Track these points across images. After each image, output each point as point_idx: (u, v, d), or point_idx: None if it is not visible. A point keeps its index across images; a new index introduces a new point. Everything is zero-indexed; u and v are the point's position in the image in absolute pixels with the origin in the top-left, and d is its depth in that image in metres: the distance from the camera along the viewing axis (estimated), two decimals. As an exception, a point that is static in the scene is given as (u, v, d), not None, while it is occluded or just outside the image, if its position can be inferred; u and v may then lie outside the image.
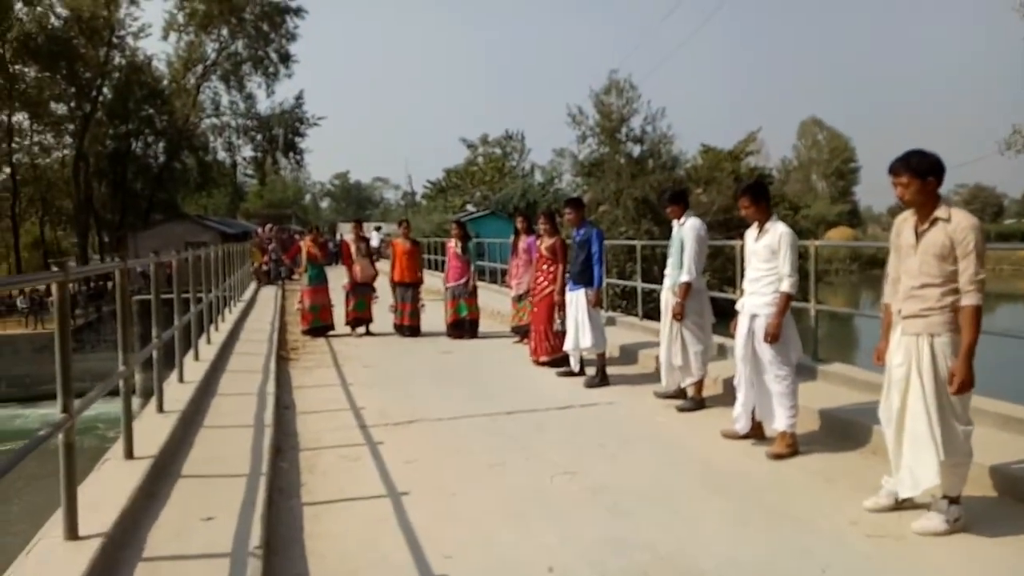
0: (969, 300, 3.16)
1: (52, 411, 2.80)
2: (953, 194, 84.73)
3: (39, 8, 36.56)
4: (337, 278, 10.71)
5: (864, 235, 65.94)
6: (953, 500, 3.25)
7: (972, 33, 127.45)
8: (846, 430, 4.61)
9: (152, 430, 4.18)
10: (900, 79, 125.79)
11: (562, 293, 7.00)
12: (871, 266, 49.97)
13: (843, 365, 5.89)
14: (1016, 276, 48.32)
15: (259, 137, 45.59)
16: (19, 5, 35.80)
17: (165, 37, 41.41)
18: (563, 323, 6.97)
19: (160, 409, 4.70)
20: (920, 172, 3.27)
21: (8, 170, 38.38)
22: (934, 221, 3.25)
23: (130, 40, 39.90)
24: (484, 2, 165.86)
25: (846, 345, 22.59)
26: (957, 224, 3.19)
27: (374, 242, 23.75)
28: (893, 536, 3.25)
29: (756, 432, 4.66)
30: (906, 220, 3.41)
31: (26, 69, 36.73)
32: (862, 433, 4.44)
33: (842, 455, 4.36)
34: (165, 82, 42.38)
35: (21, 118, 38.36)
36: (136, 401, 4.26)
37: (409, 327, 9.78)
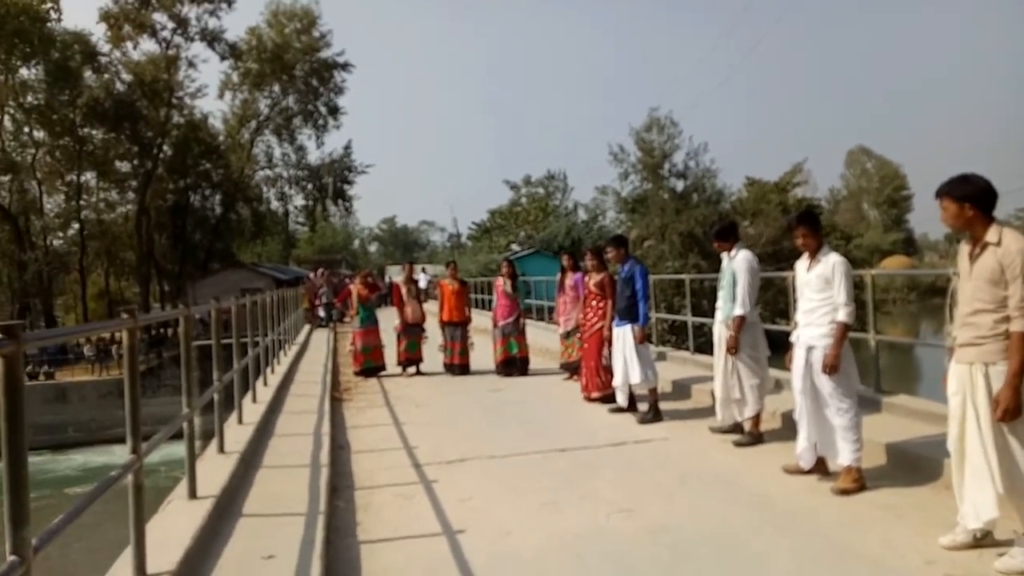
0: (1017, 326, 3.04)
1: (88, 457, 2.88)
2: (1014, 219, 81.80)
3: (106, 75, 38.88)
4: (387, 319, 10.87)
5: (921, 263, 63.83)
6: (1036, 536, 3.07)
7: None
8: (915, 464, 4.41)
9: (214, 470, 4.27)
10: (954, 102, 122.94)
11: (611, 328, 6.96)
12: (930, 295, 48.23)
13: (908, 397, 5.67)
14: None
15: (310, 186, 47.07)
16: (88, 73, 38.16)
17: (221, 96, 43.49)
18: (611, 358, 6.91)
19: (221, 450, 4.81)
20: (957, 197, 3.22)
21: (77, 226, 40.43)
22: (984, 246, 3.18)
23: (188, 100, 42.01)
24: (527, 44, 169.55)
25: (908, 376, 21.75)
26: (1006, 248, 3.10)
27: (422, 283, 24.12)
28: (974, 575, 3.08)
29: (819, 467, 4.50)
30: (964, 246, 3.34)
31: (93, 132, 38.91)
32: (933, 467, 4.24)
33: (912, 490, 4.17)
34: (221, 138, 44.31)
35: (89, 177, 40.53)
36: (197, 443, 4.38)
37: (459, 365, 9.82)
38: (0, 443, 1.87)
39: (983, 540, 3.27)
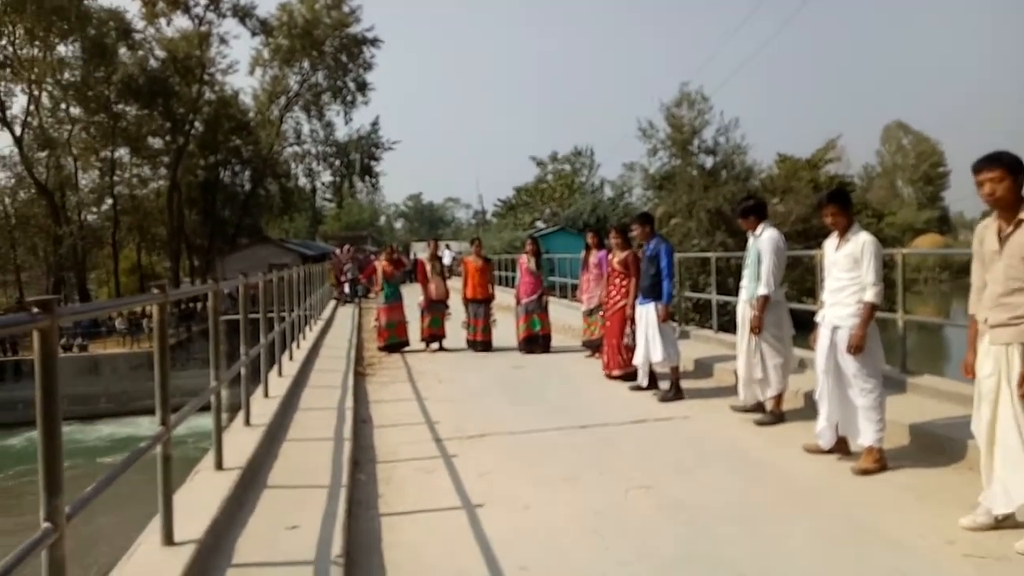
0: None
1: (117, 428, 2.96)
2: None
3: (140, 52, 39.30)
4: (412, 295, 10.95)
5: (955, 242, 62.33)
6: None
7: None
8: (939, 445, 4.37)
9: (240, 443, 4.38)
10: (992, 77, 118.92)
11: (634, 307, 6.94)
12: (963, 274, 47.11)
13: (933, 377, 5.59)
14: None
15: (337, 163, 47.31)
16: (123, 49, 38.60)
17: (251, 72, 43.74)
18: (634, 337, 6.91)
19: (247, 423, 4.92)
20: (1013, 168, 3.13)
21: (110, 201, 41.20)
22: (1019, 223, 3.10)
23: (219, 76, 42.34)
24: (552, 20, 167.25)
25: (937, 356, 21.39)
26: None
27: (446, 260, 24.20)
28: (994, 556, 3.05)
29: (841, 447, 4.48)
30: (988, 227, 3.27)
31: (127, 108, 39.46)
32: (956, 448, 4.19)
33: (935, 471, 4.13)
34: (251, 114, 44.65)
35: (122, 153, 41.20)
36: (224, 415, 4.48)
37: (482, 342, 9.89)
38: (37, 414, 1.94)
39: (1004, 522, 3.24)
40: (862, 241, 4.31)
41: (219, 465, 3.89)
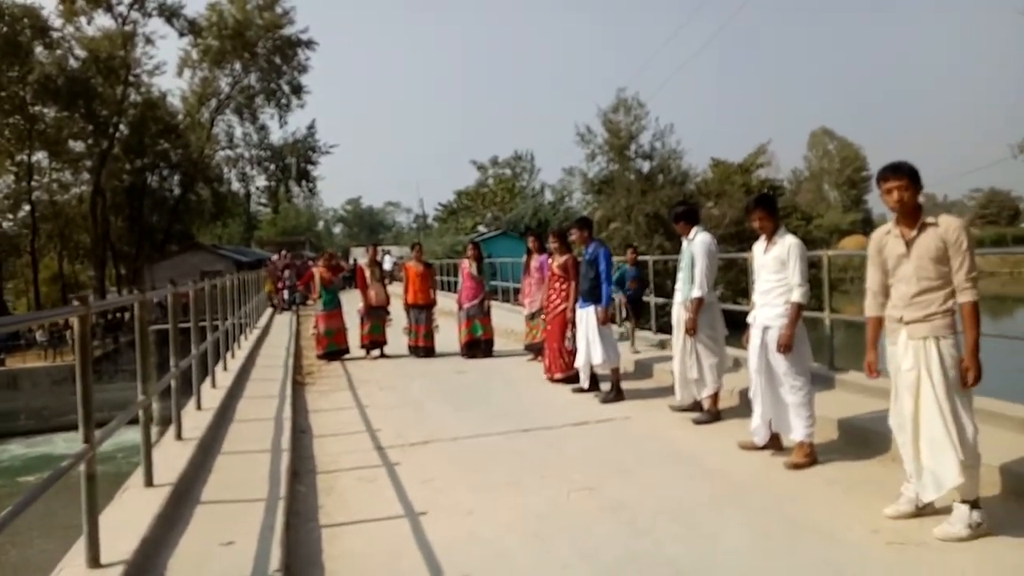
0: (967, 297, 3.24)
1: (30, 449, 2.82)
2: (968, 199, 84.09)
3: (58, 51, 37.46)
4: (351, 302, 10.79)
5: (879, 243, 65.12)
6: (973, 505, 3.22)
7: (983, 38, 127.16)
8: (865, 438, 4.56)
9: (171, 457, 4.22)
10: (911, 86, 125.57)
11: (575, 310, 7.01)
12: (887, 274, 49.41)
13: (859, 373, 5.81)
14: (1036, 279, 47.64)
15: (272, 167, 46.16)
16: (39, 48, 36.71)
17: (180, 73, 42.29)
18: (574, 340, 6.98)
19: (179, 437, 4.74)
20: (915, 177, 3.35)
21: (28, 207, 39.10)
22: (923, 227, 3.31)
23: (145, 77, 40.75)
24: (491, 25, 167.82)
25: (863, 353, 22.34)
26: (947, 226, 3.27)
27: (387, 265, 23.93)
28: (914, 543, 3.21)
29: (774, 443, 4.63)
30: (888, 232, 3.48)
31: (45, 110, 37.55)
32: (881, 441, 4.39)
33: (861, 463, 4.31)
34: (180, 117, 43.14)
35: (40, 157, 39.18)
36: (154, 429, 4.31)
37: (424, 348, 9.82)
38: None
39: (924, 510, 3.42)
40: (788, 244, 4.47)
41: (149, 482, 3.74)
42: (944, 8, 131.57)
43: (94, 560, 2.75)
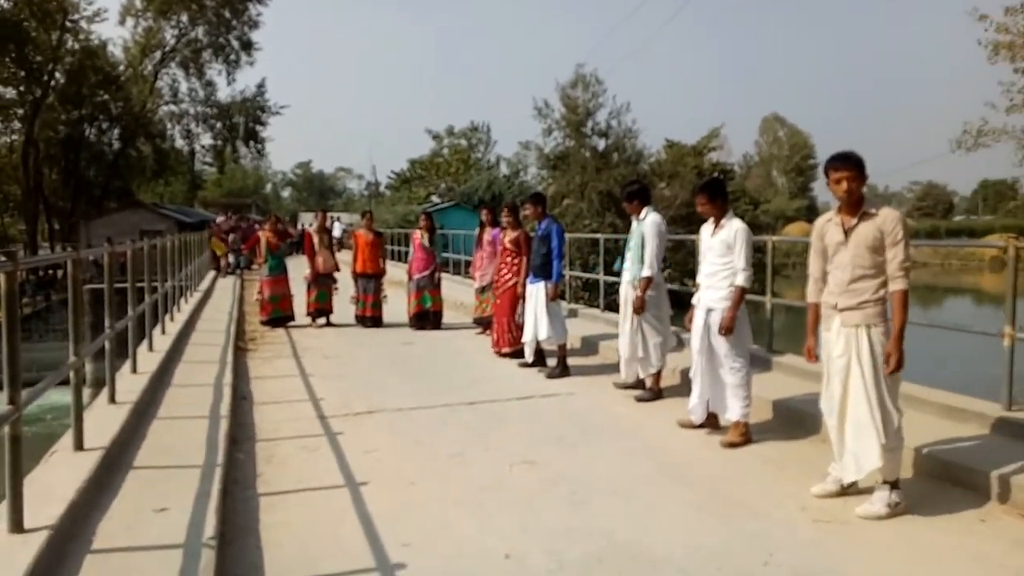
0: (898, 285, 3.36)
1: None
2: (906, 191, 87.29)
3: (-14, -10, 35.12)
4: (297, 268, 10.58)
5: (822, 231, 67.08)
6: (894, 485, 3.38)
7: (928, 35, 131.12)
8: (798, 419, 4.74)
9: (104, 421, 4.09)
10: (858, 79, 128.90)
11: (525, 286, 7.03)
12: (828, 261, 50.88)
13: (796, 356, 6.03)
14: (963, 271, 49.98)
15: (219, 125, 44.48)
16: (-36, -14, 34.37)
17: (122, 22, 40.09)
18: (523, 315, 7.01)
19: (112, 400, 4.60)
20: (862, 168, 3.44)
21: (-48, 156, 36.93)
22: (863, 216, 3.40)
23: (84, 24, 38.53)
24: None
25: (801, 337, 23.12)
26: (885, 217, 3.38)
27: (336, 233, 23.52)
28: (838, 521, 3.36)
29: (712, 422, 4.76)
30: (830, 220, 3.58)
31: (-29, 52, 35.26)
32: (812, 422, 4.56)
33: (793, 443, 4.48)
34: (121, 68, 41.07)
35: (-35, 102, 36.89)
36: (87, 392, 4.17)
37: (371, 318, 9.73)
38: None
39: (848, 489, 3.58)
40: (735, 228, 4.56)
41: (79, 445, 3.62)
42: (898, 4, 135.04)
43: (17, 525, 2.65)
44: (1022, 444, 3.88)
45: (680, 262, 19.95)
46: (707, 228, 4.74)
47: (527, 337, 6.82)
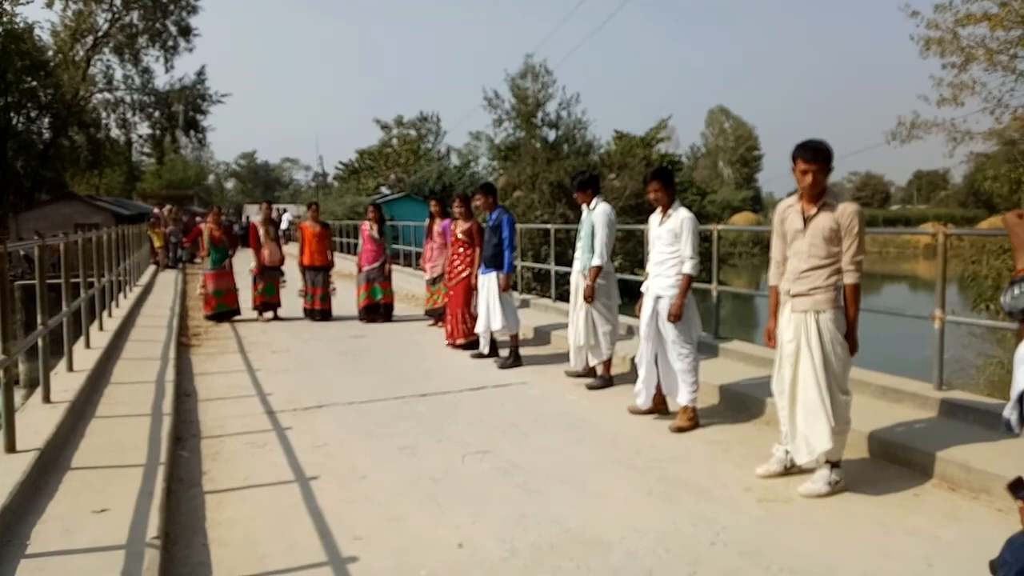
0: (849, 279, 3.46)
1: None
2: (846, 181, 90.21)
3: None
4: (242, 261, 10.33)
5: (765, 220, 69.11)
6: (835, 465, 3.51)
7: (864, 29, 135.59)
8: (743, 403, 4.87)
9: (37, 421, 3.93)
10: (799, 71, 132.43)
11: (478, 277, 7.01)
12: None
13: (741, 343, 6.20)
14: (900, 258, 52.05)
15: (157, 114, 42.95)
16: None
17: (49, 5, 38.26)
18: (476, 306, 7.01)
19: (47, 399, 4.42)
20: (829, 160, 3.47)
21: None
22: (823, 206, 3.46)
23: (8, 6, 36.62)
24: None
25: (746, 324, 23.75)
26: (843, 210, 3.43)
27: (283, 225, 23.03)
28: (782, 500, 3.47)
29: (661, 407, 4.85)
30: (791, 207, 3.62)
31: None
32: (757, 405, 4.70)
33: (739, 426, 4.60)
34: (50, 53, 39.22)
35: None
36: (20, 392, 3.99)
37: (320, 311, 9.57)
38: None
39: (791, 469, 3.69)
40: (682, 218, 4.64)
41: (11, 447, 3.47)
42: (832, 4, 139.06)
43: (-56, 533, 2.52)
44: (953, 422, 4.08)
45: (630, 252, 20.19)
46: (655, 217, 4.81)
47: (480, 328, 6.81)
